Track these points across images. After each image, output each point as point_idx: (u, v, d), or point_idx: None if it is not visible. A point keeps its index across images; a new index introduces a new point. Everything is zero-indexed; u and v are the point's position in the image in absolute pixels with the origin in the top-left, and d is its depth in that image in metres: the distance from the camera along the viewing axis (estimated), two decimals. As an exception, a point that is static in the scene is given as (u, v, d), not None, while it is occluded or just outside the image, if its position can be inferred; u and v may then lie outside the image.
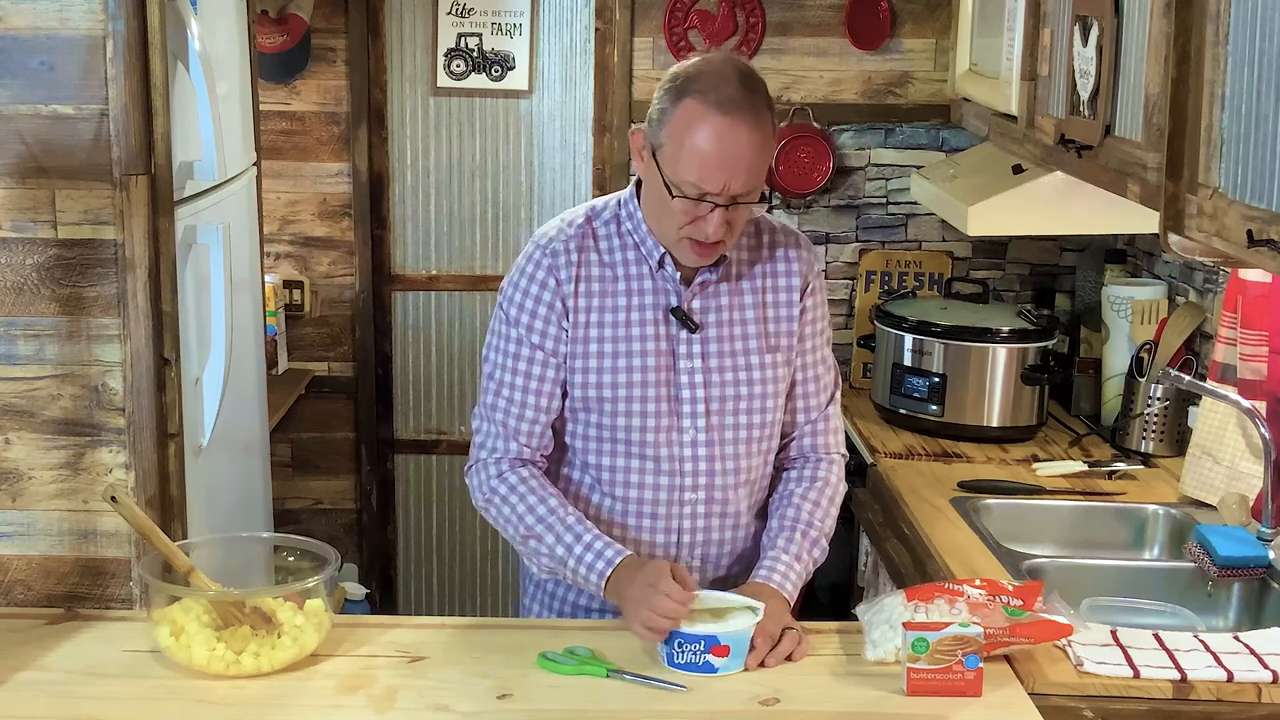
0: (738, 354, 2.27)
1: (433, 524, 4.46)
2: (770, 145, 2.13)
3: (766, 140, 2.10)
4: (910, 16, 4.00)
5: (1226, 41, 2.01)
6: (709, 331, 2.25)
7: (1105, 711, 2.09)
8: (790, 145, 3.95)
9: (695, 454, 2.26)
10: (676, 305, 2.24)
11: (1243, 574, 2.56)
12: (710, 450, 2.27)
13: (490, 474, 2.27)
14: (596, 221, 2.28)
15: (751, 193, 2.11)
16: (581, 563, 2.19)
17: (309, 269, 4.26)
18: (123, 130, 2.31)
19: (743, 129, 2.06)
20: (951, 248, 4.08)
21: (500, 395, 2.27)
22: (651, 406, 2.24)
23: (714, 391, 2.25)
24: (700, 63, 2.14)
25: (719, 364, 2.25)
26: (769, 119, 2.10)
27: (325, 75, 4.15)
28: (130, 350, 2.36)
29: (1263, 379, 2.78)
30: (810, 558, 2.31)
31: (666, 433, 2.25)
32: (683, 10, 3.99)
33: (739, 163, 2.07)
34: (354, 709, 1.97)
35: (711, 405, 2.25)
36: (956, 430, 3.45)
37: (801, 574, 2.28)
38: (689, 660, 2.05)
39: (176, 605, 2.10)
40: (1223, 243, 2.01)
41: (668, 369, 2.24)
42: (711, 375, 2.25)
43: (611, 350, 2.24)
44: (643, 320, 2.24)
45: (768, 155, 2.13)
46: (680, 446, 2.26)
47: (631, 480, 2.28)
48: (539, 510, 2.23)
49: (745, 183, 2.09)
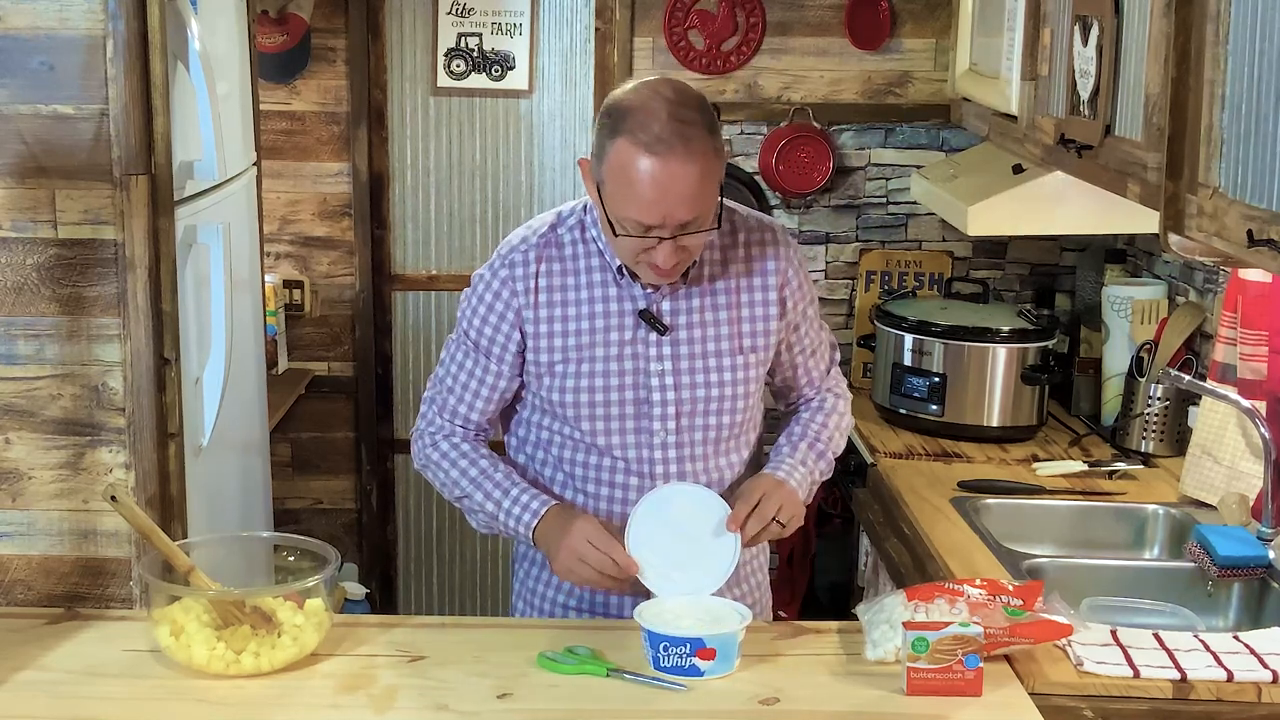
0: (709, 355, 2.26)
1: (433, 524, 4.46)
2: (714, 167, 2.09)
3: (707, 167, 2.06)
4: (910, 16, 4.00)
5: (1226, 41, 2.01)
6: (679, 334, 2.25)
7: (1105, 711, 2.09)
8: (790, 145, 3.95)
9: (665, 455, 2.27)
10: (645, 308, 2.24)
11: (1243, 574, 2.56)
12: (680, 452, 2.27)
13: (425, 442, 2.37)
14: (561, 228, 2.28)
15: (699, 219, 2.09)
16: (510, 516, 2.25)
17: (309, 269, 4.26)
18: (123, 130, 2.31)
19: (675, 165, 2.03)
20: (951, 248, 4.08)
21: (444, 385, 2.37)
22: (617, 410, 2.25)
23: (684, 394, 2.25)
24: (631, 95, 2.11)
25: (689, 365, 2.25)
26: (707, 143, 2.07)
27: (325, 75, 4.15)
28: (130, 350, 2.37)
29: (1263, 379, 2.78)
30: (815, 466, 2.35)
31: (635, 434, 2.26)
32: (683, 10, 3.99)
33: (678, 198, 2.05)
34: (354, 709, 1.97)
35: (682, 407, 2.26)
36: (956, 430, 3.45)
37: (805, 478, 2.31)
38: (675, 664, 2.04)
39: (176, 605, 2.10)
40: (1223, 243, 2.01)
41: (637, 372, 2.25)
42: (682, 377, 2.25)
43: (576, 356, 2.25)
44: (608, 325, 2.24)
45: (711, 180, 2.09)
46: (651, 449, 2.27)
47: (603, 479, 2.30)
48: (470, 472, 2.30)
49: (689, 212, 2.07)
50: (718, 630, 2.06)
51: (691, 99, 2.11)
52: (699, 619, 2.09)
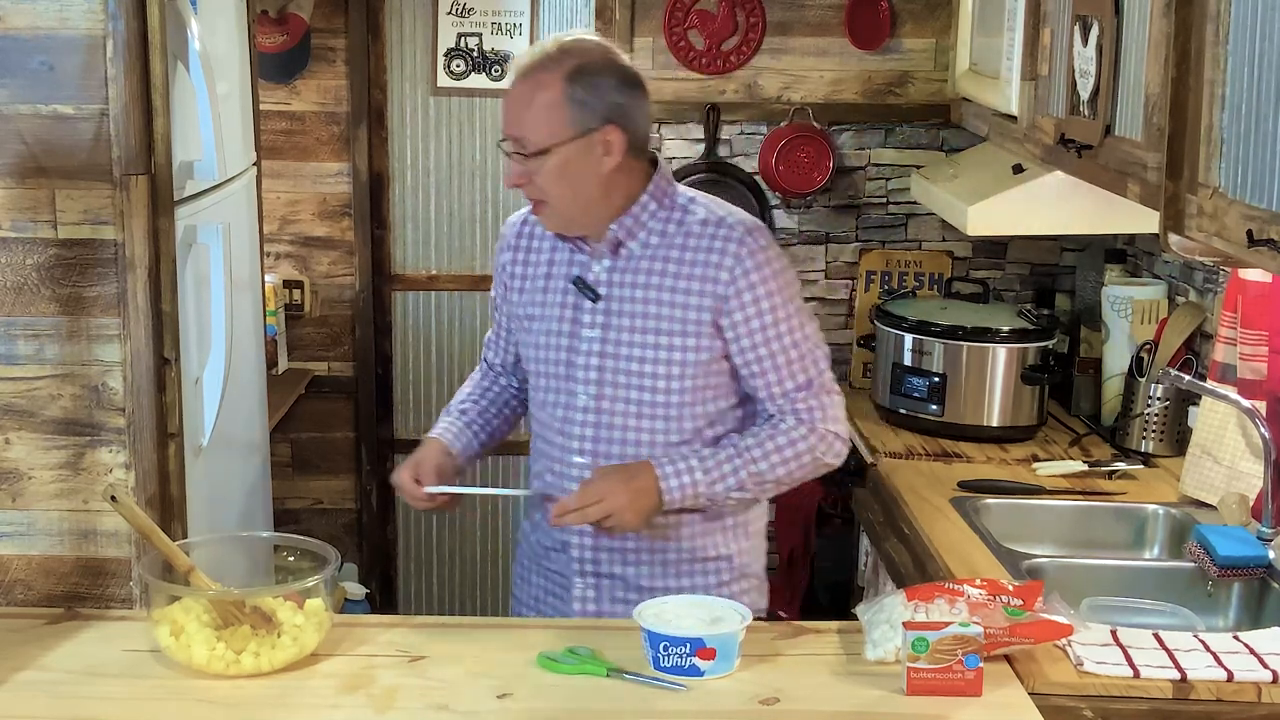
0: (637, 330, 2.31)
1: (433, 524, 4.46)
2: (551, 102, 2.23)
3: (542, 98, 2.23)
4: (910, 16, 4.00)
5: (1226, 41, 2.01)
6: (613, 304, 2.33)
7: (1105, 711, 2.09)
8: (790, 145, 3.95)
9: (584, 420, 2.35)
10: (578, 275, 2.35)
11: (1243, 574, 2.56)
12: (599, 419, 2.34)
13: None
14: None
15: (520, 143, 2.27)
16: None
17: (309, 269, 4.26)
18: (123, 130, 2.31)
19: (518, 84, 2.26)
20: (951, 248, 4.08)
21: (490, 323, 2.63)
22: (552, 369, 2.38)
23: (608, 363, 2.33)
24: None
25: (616, 336, 2.33)
26: (555, 82, 2.23)
27: (325, 75, 4.15)
28: (130, 350, 2.37)
29: (1263, 379, 2.78)
30: (722, 480, 2.28)
31: (557, 395, 2.38)
32: (683, 10, 3.99)
33: (509, 111, 2.28)
34: (354, 709, 1.97)
35: (605, 375, 2.33)
36: (956, 430, 3.45)
37: (696, 486, 2.27)
38: (675, 664, 2.04)
39: (176, 605, 2.10)
40: (1223, 242, 2.01)
41: (572, 336, 2.36)
42: (608, 347, 2.33)
43: (525, 314, 2.43)
44: (552, 289, 2.39)
45: (543, 111, 2.23)
46: (573, 410, 2.36)
47: (540, 435, 2.45)
48: (458, 396, 2.58)
49: (514, 128, 2.27)
50: (718, 630, 2.06)
51: (580, 51, 2.26)
52: (699, 619, 2.09)
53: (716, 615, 2.11)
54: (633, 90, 2.27)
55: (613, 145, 2.25)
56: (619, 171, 2.28)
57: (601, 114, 2.23)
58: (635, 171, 2.31)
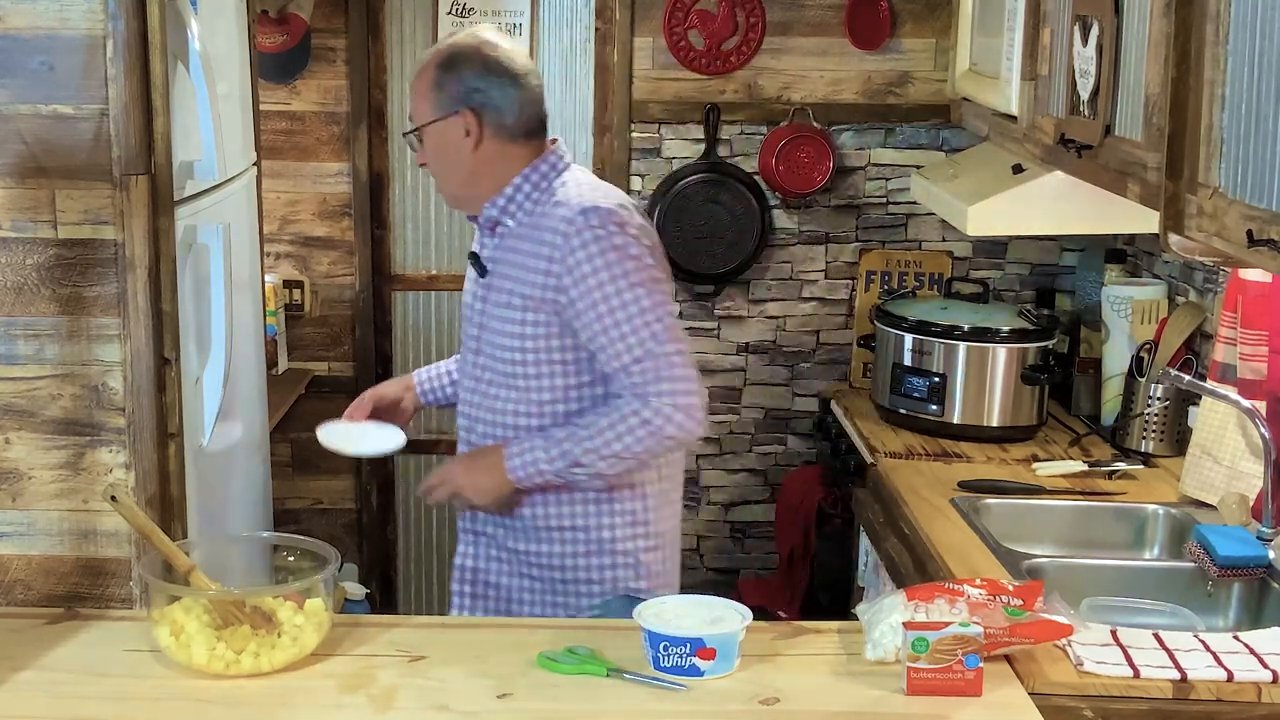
0: (501, 305, 2.48)
1: (433, 524, 4.46)
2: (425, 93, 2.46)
3: (418, 80, 2.48)
4: (910, 16, 4.00)
5: (1226, 41, 2.01)
6: (495, 280, 2.51)
7: (1105, 711, 2.09)
8: (790, 145, 3.95)
9: (468, 386, 2.58)
10: (473, 250, 2.58)
11: (1243, 574, 2.56)
12: (475, 385, 2.56)
13: None
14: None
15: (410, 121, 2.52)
16: None
17: (309, 269, 4.26)
18: (123, 130, 2.31)
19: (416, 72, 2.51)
20: (951, 248, 4.08)
21: None
22: (461, 337, 2.63)
23: (485, 334, 2.52)
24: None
25: (486, 308, 2.52)
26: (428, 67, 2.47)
27: (325, 75, 4.15)
28: (130, 350, 2.37)
29: (1263, 379, 2.78)
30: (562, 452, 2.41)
31: (464, 361, 2.61)
32: (683, 10, 3.99)
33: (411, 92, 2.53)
34: (354, 709, 1.97)
35: (482, 345, 2.53)
36: (956, 430, 3.45)
37: (542, 459, 2.42)
38: (675, 664, 2.04)
39: (176, 605, 2.10)
40: (1223, 242, 2.01)
41: (469, 306, 2.58)
42: (485, 319, 2.52)
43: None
44: (468, 265, 2.61)
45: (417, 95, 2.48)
46: (465, 377, 2.60)
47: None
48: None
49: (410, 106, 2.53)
50: (718, 630, 2.06)
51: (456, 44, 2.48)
52: (699, 619, 2.09)
53: (717, 615, 2.11)
54: (498, 79, 2.43)
55: (471, 128, 2.43)
56: (489, 153, 2.45)
57: (460, 99, 2.43)
58: (511, 155, 2.47)
